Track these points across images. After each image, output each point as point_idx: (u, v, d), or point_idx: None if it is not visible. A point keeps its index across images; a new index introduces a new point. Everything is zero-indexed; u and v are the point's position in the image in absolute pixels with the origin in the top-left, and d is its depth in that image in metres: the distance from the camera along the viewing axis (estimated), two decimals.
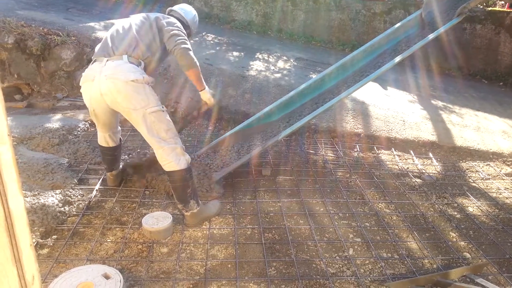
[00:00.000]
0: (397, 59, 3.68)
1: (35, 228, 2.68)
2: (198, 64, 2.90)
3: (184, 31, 2.96)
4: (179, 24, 2.99)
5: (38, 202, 2.87)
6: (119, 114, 3.00)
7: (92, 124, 4.49)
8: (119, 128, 3.27)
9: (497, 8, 7.80)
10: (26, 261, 1.25)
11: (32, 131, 4.02)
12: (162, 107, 2.78)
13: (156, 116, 2.72)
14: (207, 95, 3.11)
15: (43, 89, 5.35)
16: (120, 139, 3.31)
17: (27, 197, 2.87)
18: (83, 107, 4.99)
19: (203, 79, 3.04)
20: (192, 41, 3.61)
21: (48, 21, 5.82)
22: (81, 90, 2.87)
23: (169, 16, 3.07)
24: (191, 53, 2.85)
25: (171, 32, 2.86)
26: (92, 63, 2.84)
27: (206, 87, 3.08)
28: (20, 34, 5.18)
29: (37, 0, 7.33)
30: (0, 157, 1.12)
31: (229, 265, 2.59)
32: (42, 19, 5.86)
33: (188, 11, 3.29)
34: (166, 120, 2.79)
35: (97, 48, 2.90)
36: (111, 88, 2.65)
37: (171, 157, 2.76)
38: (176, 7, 3.28)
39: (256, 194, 3.48)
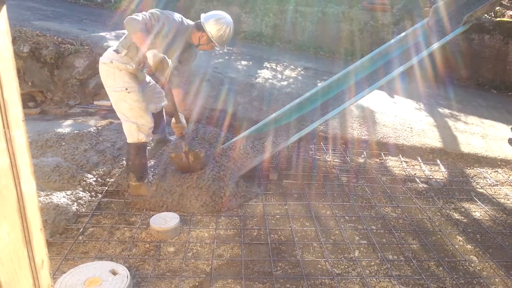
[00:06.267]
0: (403, 68, 3.72)
1: (46, 227, 2.74)
2: (140, 27, 2.81)
3: (150, 17, 2.95)
4: (158, 14, 3.02)
5: (50, 202, 2.93)
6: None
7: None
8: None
9: (505, 19, 7.80)
10: (36, 244, 1.29)
11: (44, 136, 4.11)
12: (127, 89, 3.09)
13: (119, 95, 3.12)
14: (149, 55, 2.88)
15: (56, 97, 5.46)
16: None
17: (39, 197, 2.93)
18: (94, 113, 5.09)
19: (147, 41, 2.86)
20: (222, 51, 3.98)
21: (63, 31, 5.98)
22: None
23: (163, 11, 3.11)
24: (134, 18, 2.83)
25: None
26: None
27: (155, 50, 2.90)
28: (35, 43, 5.32)
29: (52, 11, 7.54)
30: (15, 141, 1.18)
31: (235, 265, 2.62)
32: (57, 29, 6.02)
33: (212, 22, 3.26)
34: (130, 100, 3.12)
35: None
36: None
37: (127, 131, 3.19)
38: (203, 15, 3.33)
39: (263, 197, 3.51)
